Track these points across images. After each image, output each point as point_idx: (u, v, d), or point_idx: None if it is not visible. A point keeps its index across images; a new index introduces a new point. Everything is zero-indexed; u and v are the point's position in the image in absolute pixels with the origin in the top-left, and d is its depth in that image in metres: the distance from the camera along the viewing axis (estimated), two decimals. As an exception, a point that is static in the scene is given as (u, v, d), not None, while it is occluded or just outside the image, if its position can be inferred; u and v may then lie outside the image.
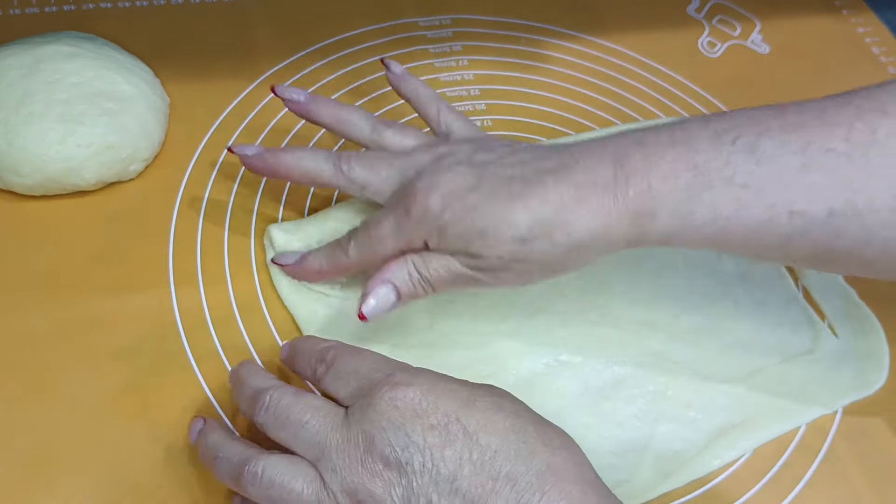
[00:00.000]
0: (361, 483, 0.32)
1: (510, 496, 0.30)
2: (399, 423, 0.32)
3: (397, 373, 0.34)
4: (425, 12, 0.61)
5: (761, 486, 0.42)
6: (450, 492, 0.31)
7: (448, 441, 0.31)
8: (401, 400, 0.32)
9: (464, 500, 0.31)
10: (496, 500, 0.30)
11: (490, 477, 0.31)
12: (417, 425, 0.32)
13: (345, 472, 0.32)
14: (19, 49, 0.48)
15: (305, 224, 0.47)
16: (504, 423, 0.32)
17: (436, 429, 0.32)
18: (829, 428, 0.44)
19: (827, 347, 0.47)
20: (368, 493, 0.31)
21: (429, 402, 0.32)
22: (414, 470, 0.31)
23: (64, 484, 0.38)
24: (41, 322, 0.43)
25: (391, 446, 0.32)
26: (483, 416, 0.32)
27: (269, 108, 0.54)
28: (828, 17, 0.66)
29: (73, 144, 0.46)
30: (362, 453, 0.32)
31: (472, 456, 0.31)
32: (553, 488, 0.31)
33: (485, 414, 0.32)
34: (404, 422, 0.32)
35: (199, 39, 0.57)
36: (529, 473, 0.31)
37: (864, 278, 0.49)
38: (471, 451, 0.31)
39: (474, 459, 0.31)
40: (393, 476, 0.31)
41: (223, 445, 0.35)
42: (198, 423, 0.37)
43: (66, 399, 0.41)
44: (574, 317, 0.46)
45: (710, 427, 0.43)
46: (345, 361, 0.35)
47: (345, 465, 0.32)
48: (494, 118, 0.55)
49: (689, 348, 0.46)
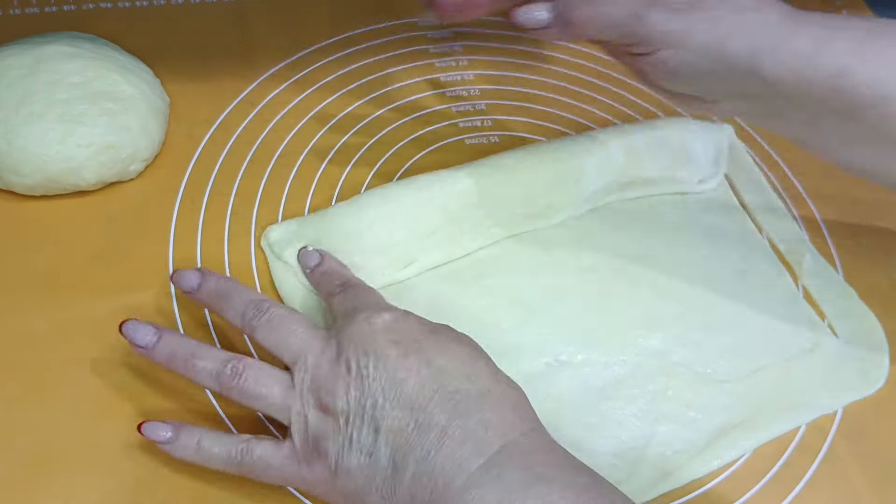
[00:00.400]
0: (325, 383, 0.35)
1: (447, 405, 0.34)
2: (368, 336, 0.36)
3: (381, 303, 0.39)
4: (425, 12, 0.61)
5: (761, 486, 0.42)
6: (395, 396, 0.34)
7: (404, 355, 0.35)
8: (375, 321, 0.36)
9: (404, 405, 0.34)
10: (434, 408, 0.34)
11: (433, 389, 0.34)
12: (381, 340, 0.36)
13: (314, 372, 0.36)
14: (19, 49, 0.48)
15: (304, 224, 0.47)
16: (459, 352, 0.36)
17: (397, 344, 0.35)
18: (829, 428, 0.44)
19: (827, 347, 0.47)
20: (329, 392, 0.35)
21: (398, 325, 0.36)
22: (369, 374, 0.35)
23: (64, 484, 0.38)
24: (41, 322, 0.43)
25: (355, 354, 0.35)
26: (442, 344, 0.36)
27: (269, 108, 0.54)
28: (827, 18, 0.66)
29: (74, 144, 0.46)
30: (332, 359, 0.36)
31: (422, 370, 0.35)
32: (491, 407, 0.34)
33: (444, 342, 0.36)
34: (372, 336, 0.36)
35: (199, 39, 0.57)
36: (471, 393, 0.34)
37: (864, 278, 0.50)
38: (420, 366, 0.35)
39: (423, 373, 0.35)
40: (352, 379, 0.35)
41: (198, 347, 0.38)
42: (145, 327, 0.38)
43: (66, 399, 0.41)
44: (574, 316, 0.46)
45: (710, 427, 0.43)
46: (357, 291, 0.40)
47: (316, 367, 0.36)
48: (494, 118, 0.55)
49: (689, 348, 0.46)
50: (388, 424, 0.34)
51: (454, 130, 0.54)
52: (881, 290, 0.49)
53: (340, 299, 0.41)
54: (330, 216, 0.46)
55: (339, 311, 0.40)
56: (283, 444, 0.36)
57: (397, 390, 0.34)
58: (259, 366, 0.37)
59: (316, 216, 0.47)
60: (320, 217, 0.47)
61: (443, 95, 0.56)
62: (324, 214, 0.47)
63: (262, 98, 0.54)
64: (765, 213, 0.53)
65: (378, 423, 0.34)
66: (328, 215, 0.46)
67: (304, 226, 0.46)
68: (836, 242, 0.52)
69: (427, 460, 0.33)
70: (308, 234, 0.46)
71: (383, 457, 0.34)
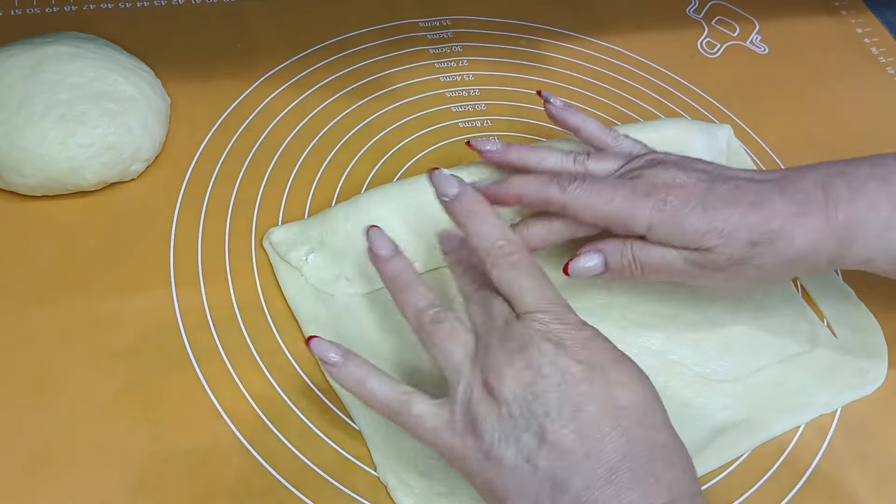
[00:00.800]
0: (499, 367, 0.35)
1: (622, 446, 0.33)
2: (554, 345, 0.35)
3: (570, 313, 0.37)
4: (425, 12, 0.61)
5: (761, 486, 0.42)
6: (569, 416, 0.33)
7: (588, 380, 0.34)
8: (564, 331, 0.36)
9: (579, 430, 0.33)
10: (608, 445, 0.33)
11: (612, 426, 0.33)
12: (568, 354, 0.35)
13: (493, 353, 0.36)
14: (21, 50, 0.48)
15: (306, 226, 0.47)
16: (640, 390, 0.35)
17: (582, 364, 0.34)
18: (828, 428, 0.44)
19: (826, 347, 0.47)
20: (498, 376, 0.35)
21: (585, 344, 0.35)
22: (547, 383, 0.34)
23: (64, 484, 0.38)
24: (41, 322, 0.43)
25: (539, 356, 0.35)
26: (626, 377, 0.35)
27: (269, 109, 0.54)
28: (826, 18, 0.66)
29: (75, 145, 0.46)
30: (513, 349, 0.35)
31: (602, 401, 0.34)
32: (663, 459, 0.33)
33: (628, 375, 0.35)
34: (559, 347, 0.35)
35: (199, 40, 0.57)
36: (647, 441, 0.33)
37: (863, 278, 0.50)
38: (602, 397, 0.34)
39: (602, 404, 0.34)
40: (527, 376, 0.34)
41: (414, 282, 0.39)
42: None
43: (66, 399, 0.41)
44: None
45: (710, 426, 0.43)
46: (529, 275, 0.37)
47: (496, 348, 0.36)
48: (494, 118, 0.56)
49: (689, 348, 0.46)
50: (556, 441, 0.33)
51: (454, 130, 0.54)
52: (880, 291, 0.49)
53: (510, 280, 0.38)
54: (331, 217, 0.46)
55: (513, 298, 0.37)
56: (443, 407, 0.36)
57: (573, 411, 0.33)
58: (456, 323, 0.37)
59: (317, 217, 0.47)
60: (321, 218, 0.47)
61: (443, 95, 0.56)
62: (325, 215, 0.47)
63: (262, 98, 0.54)
64: (764, 214, 0.53)
65: (544, 434, 0.33)
66: (329, 216, 0.46)
67: (306, 227, 0.47)
68: (836, 242, 0.52)
69: (591, 491, 0.32)
70: (310, 235, 0.46)
71: (542, 469, 0.33)
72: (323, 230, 0.46)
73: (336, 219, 0.46)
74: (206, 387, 0.42)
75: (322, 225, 0.46)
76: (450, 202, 0.40)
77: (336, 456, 0.40)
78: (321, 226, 0.46)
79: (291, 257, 0.46)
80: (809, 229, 0.41)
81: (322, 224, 0.46)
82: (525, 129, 0.55)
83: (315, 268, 0.46)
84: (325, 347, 0.38)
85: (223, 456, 0.39)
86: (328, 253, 0.46)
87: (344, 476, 0.40)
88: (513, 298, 0.37)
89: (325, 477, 0.40)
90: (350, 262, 0.45)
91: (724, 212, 0.41)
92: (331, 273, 0.46)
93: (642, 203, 0.41)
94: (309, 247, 0.46)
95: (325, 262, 0.46)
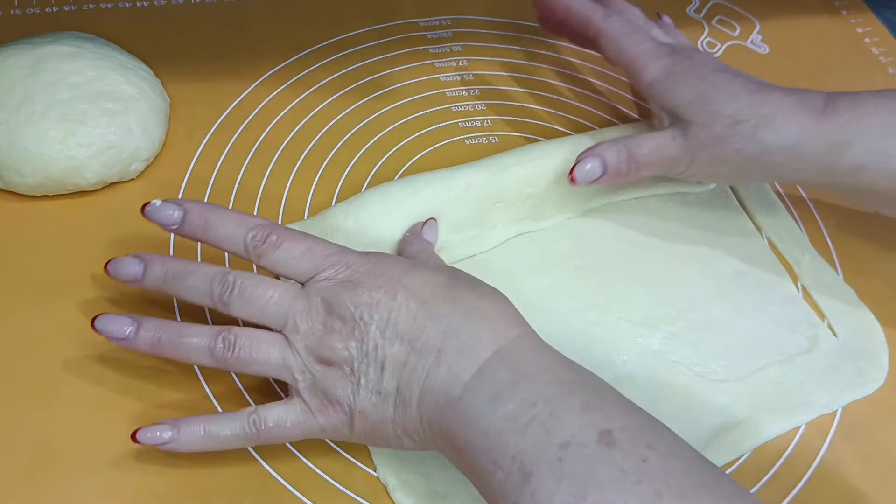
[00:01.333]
0: (323, 340, 0.36)
1: (439, 328, 0.36)
2: (352, 288, 0.37)
3: (349, 253, 0.38)
4: (425, 12, 0.61)
5: (761, 486, 0.42)
6: (392, 335, 0.36)
7: (391, 296, 0.36)
8: (353, 272, 0.37)
9: (402, 339, 0.36)
10: (427, 335, 0.35)
11: (424, 318, 0.36)
12: (366, 287, 0.37)
13: (308, 333, 0.37)
14: (20, 49, 0.48)
15: (307, 226, 0.46)
16: (439, 280, 0.37)
17: (382, 288, 0.37)
18: (828, 428, 0.44)
19: (826, 347, 0.47)
20: (329, 347, 0.36)
21: (376, 270, 0.37)
22: (365, 322, 0.36)
23: (64, 484, 0.38)
24: (41, 322, 0.43)
25: (347, 307, 0.36)
26: (421, 277, 0.37)
27: (269, 108, 0.54)
28: (827, 18, 0.66)
29: (75, 144, 0.46)
30: (323, 316, 0.37)
31: (410, 305, 0.36)
32: (479, 320, 0.36)
33: (423, 275, 0.38)
34: (357, 287, 0.37)
35: (199, 39, 0.57)
36: (456, 312, 0.36)
37: (863, 278, 0.50)
38: (408, 302, 0.36)
39: (411, 307, 0.36)
40: (348, 330, 0.36)
41: (183, 326, 0.38)
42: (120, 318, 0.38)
43: (66, 399, 0.41)
44: (574, 317, 0.46)
45: (710, 426, 0.43)
46: (293, 242, 0.38)
47: (308, 327, 0.37)
48: (494, 118, 0.56)
49: (689, 348, 0.46)
50: (391, 360, 0.36)
51: (454, 130, 0.54)
52: (880, 290, 0.49)
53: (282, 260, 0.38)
54: (331, 216, 0.46)
55: (296, 273, 0.38)
56: (291, 402, 0.37)
57: (393, 329, 0.36)
58: (250, 332, 0.37)
59: (317, 217, 0.47)
60: (321, 217, 0.47)
61: (443, 95, 0.56)
62: (324, 214, 0.47)
63: (262, 98, 0.54)
64: (765, 213, 0.53)
65: (383, 362, 0.36)
66: (329, 215, 0.46)
67: (307, 227, 0.46)
68: (836, 242, 0.52)
69: (428, 380, 0.35)
70: (312, 234, 0.46)
71: (391, 390, 0.36)
72: (323, 229, 0.46)
73: (336, 217, 0.46)
74: (206, 386, 0.42)
75: (322, 224, 0.46)
76: (180, 227, 0.39)
77: (336, 456, 0.40)
78: (321, 225, 0.46)
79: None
80: (799, 124, 0.43)
81: (322, 223, 0.46)
82: (525, 128, 0.55)
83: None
84: (151, 432, 0.37)
85: (223, 456, 0.39)
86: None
87: (344, 476, 0.40)
88: (293, 275, 0.38)
89: (324, 477, 0.40)
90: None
91: (717, 87, 0.45)
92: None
93: (655, 62, 0.47)
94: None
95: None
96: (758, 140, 0.43)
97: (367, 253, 0.39)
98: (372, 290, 0.37)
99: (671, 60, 0.47)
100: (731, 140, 0.44)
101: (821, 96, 0.44)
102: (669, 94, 0.46)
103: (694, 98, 0.45)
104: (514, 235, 0.49)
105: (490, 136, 0.54)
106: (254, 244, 0.38)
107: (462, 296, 0.37)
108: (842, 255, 0.51)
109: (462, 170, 0.48)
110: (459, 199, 0.47)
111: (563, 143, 0.50)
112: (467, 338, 0.35)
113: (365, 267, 0.37)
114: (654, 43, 0.48)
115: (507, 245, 0.49)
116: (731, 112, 0.44)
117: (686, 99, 0.45)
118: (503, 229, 0.49)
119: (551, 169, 0.49)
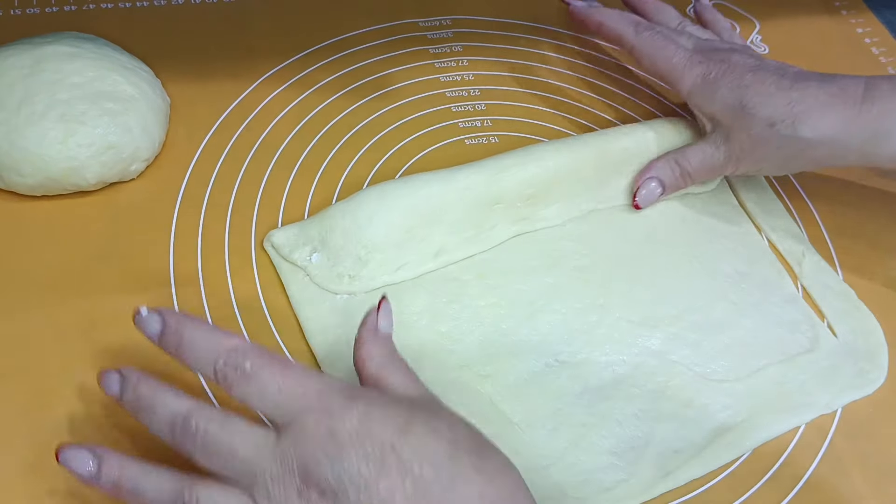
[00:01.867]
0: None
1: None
2: (334, 453, 0.31)
3: (331, 396, 0.33)
4: (425, 12, 0.61)
5: (761, 486, 0.42)
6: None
7: (383, 470, 0.31)
8: (336, 429, 0.32)
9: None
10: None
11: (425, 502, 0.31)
12: (353, 455, 0.31)
13: (280, 501, 0.32)
14: (20, 49, 0.48)
15: (306, 226, 0.47)
16: (439, 451, 0.32)
17: (370, 458, 0.31)
18: (828, 428, 0.44)
19: (826, 347, 0.47)
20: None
21: (365, 430, 0.32)
22: (349, 499, 0.31)
23: (64, 484, 0.38)
24: (41, 322, 0.43)
25: (326, 477, 0.31)
26: (419, 443, 0.32)
27: (269, 108, 0.54)
28: (827, 18, 0.66)
29: (75, 144, 0.46)
30: (298, 483, 0.32)
31: (406, 485, 0.31)
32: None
33: (421, 440, 0.32)
34: (340, 451, 0.31)
35: (199, 39, 0.57)
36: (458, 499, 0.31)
37: (863, 278, 0.50)
38: (404, 481, 0.31)
39: (407, 489, 0.31)
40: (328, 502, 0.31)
41: (150, 472, 0.34)
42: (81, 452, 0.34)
43: (66, 399, 0.41)
44: (574, 317, 0.46)
45: (710, 426, 0.43)
46: (268, 375, 0.33)
47: (280, 494, 0.32)
48: (494, 118, 0.56)
49: (689, 348, 0.46)
50: None
51: (454, 130, 0.54)
52: (880, 290, 0.49)
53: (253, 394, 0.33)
54: (329, 215, 0.46)
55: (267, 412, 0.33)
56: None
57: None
58: (212, 491, 0.33)
59: (316, 217, 0.47)
60: (320, 217, 0.47)
61: (443, 95, 0.56)
62: (323, 214, 0.47)
63: (262, 98, 0.54)
64: (765, 213, 0.53)
65: None
66: (327, 214, 0.46)
67: (306, 227, 0.47)
68: (836, 242, 0.52)
69: None
70: (311, 234, 0.46)
71: None
72: (322, 228, 0.46)
73: (334, 217, 0.46)
74: (206, 387, 0.42)
75: (321, 223, 0.46)
76: (160, 341, 0.35)
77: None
78: (320, 224, 0.46)
79: (296, 258, 0.46)
80: (837, 117, 0.44)
81: (321, 223, 0.46)
82: (525, 129, 0.55)
83: (319, 267, 0.46)
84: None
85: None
86: (329, 251, 0.46)
87: None
88: (266, 413, 0.33)
89: None
90: (350, 260, 0.45)
91: (752, 89, 0.45)
92: (334, 271, 0.45)
93: (690, 72, 0.48)
94: (311, 246, 0.46)
95: (328, 260, 0.46)
96: (797, 137, 0.45)
97: (351, 395, 0.33)
98: (358, 459, 0.31)
99: (706, 67, 0.48)
100: (771, 140, 0.45)
101: (860, 84, 0.45)
102: (707, 102, 0.48)
103: (731, 103, 0.46)
104: (513, 235, 0.49)
105: (490, 136, 0.54)
106: (224, 373, 0.33)
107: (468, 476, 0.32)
108: (842, 255, 0.51)
109: (461, 170, 0.48)
110: (458, 199, 0.47)
111: (562, 144, 0.50)
112: None
113: (350, 423, 0.32)
114: (686, 53, 0.49)
115: (506, 245, 0.49)
116: (767, 114, 0.45)
117: (723, 105, 0.47)
118: (502, 229, 0.49)
119: (551, 169, 0.49)
